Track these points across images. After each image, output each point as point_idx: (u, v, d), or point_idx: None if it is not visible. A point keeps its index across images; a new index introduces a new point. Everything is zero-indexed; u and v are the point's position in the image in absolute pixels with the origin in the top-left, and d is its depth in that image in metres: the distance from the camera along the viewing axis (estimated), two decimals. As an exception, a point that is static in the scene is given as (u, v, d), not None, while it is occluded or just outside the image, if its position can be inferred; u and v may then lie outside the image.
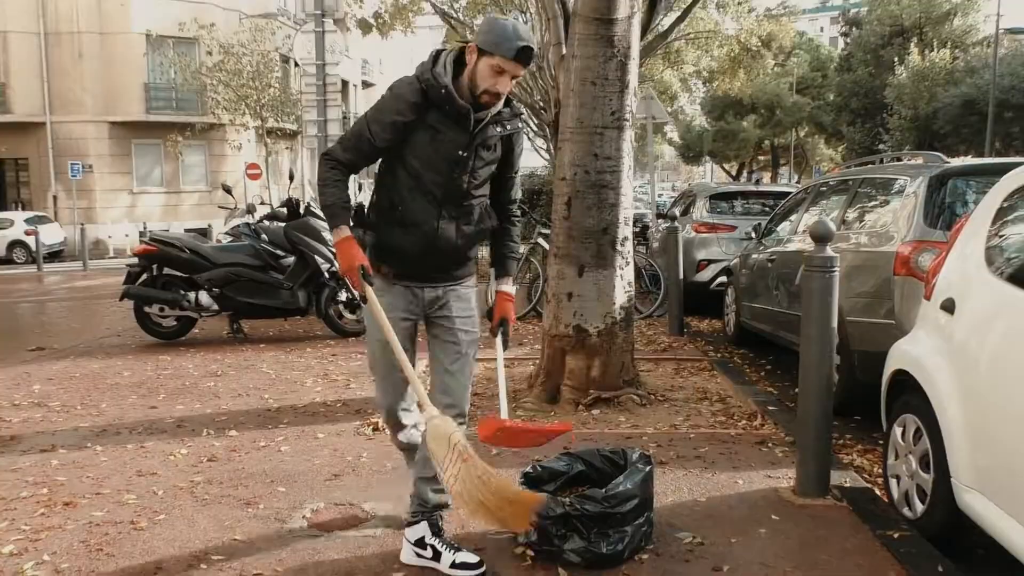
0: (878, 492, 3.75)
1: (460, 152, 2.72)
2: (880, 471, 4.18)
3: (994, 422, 2.80)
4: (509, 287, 3.00)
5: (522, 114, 2.95)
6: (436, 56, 2.74)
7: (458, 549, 2.89)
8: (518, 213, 3.08)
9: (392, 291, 2.84)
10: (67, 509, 3.56)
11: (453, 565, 2.84)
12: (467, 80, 2.67)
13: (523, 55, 2.59)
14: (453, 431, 2.57)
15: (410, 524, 2.96)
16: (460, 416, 2.86)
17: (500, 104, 2.75)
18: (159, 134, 25.64)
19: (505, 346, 2.98)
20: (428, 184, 2.73)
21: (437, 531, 2.93)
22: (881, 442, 4.39)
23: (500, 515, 2.55)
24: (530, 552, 2.98)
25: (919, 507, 3.35)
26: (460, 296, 2.92)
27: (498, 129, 2.79)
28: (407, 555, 2.95)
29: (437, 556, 2.87)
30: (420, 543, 2.91)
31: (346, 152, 2.76)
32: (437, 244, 2.78)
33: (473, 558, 2.86)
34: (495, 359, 2.98)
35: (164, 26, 24.88)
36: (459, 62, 2.71)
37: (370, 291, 2.67)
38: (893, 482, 3.66)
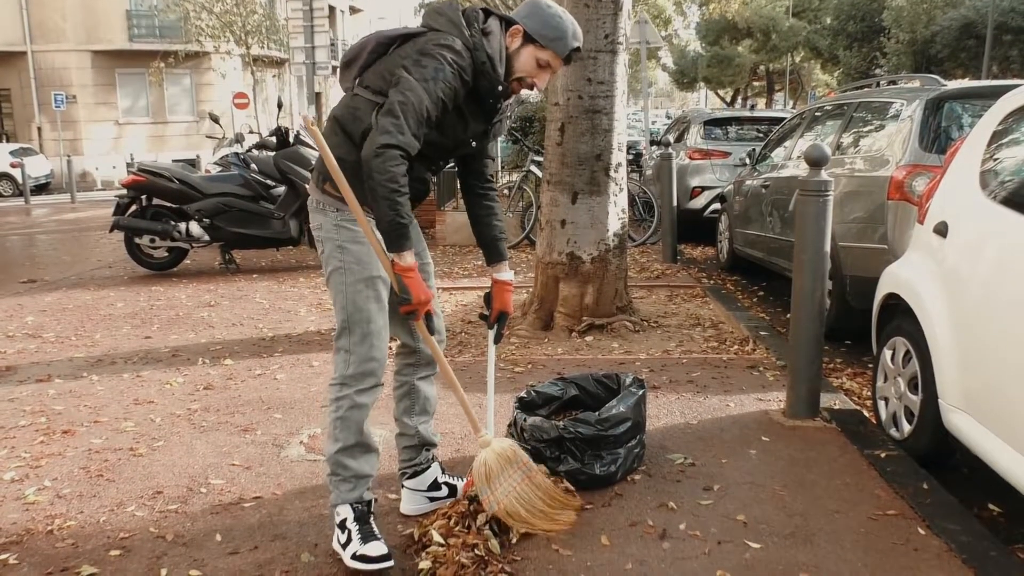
0: (866, 414, 3.81)
1: (472, 142, 2.54)
2: (869, 394, 4.25)
3: (983, 344, 2.82)
4: (509, 274, 2.73)
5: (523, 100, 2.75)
6: (485, 29, 2.41)
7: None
8: (495, 188, 2.81)
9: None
10: (66, 437, 3.60)
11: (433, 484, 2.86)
12: (502, 62, 2.42)
13: (573, 55, 2.46)
14: (517, 449, 2.64)
15: (417, 474, 2.83)
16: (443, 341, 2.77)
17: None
18: (143, 63, 25.07)
19: (498, 340, 2.75)
20: (430, 159, 2.49)
21: (440, 469, 2.90)
22: (871, 366, 4.45)
23: (549, 520, 2.63)
24: (525, 474, 3.03)
25: (906, 428, 3.42)
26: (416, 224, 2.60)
27: (506, 115, 2.61)
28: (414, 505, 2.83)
29: (451, 489, 2.85)
30: (434, 485, 2.84)
31: (415, 139, 2.26)
32: (421, 192, 2.56)
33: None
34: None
35: (143, -51, 24.20)
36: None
37: (364, 222, 2.35)
38: (881, 404, 3.72)
